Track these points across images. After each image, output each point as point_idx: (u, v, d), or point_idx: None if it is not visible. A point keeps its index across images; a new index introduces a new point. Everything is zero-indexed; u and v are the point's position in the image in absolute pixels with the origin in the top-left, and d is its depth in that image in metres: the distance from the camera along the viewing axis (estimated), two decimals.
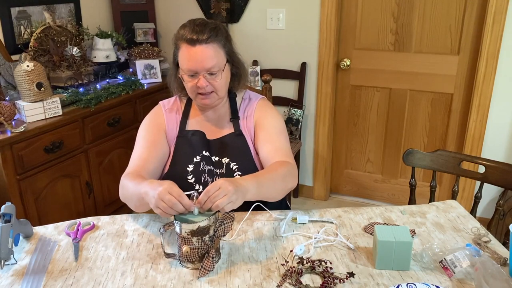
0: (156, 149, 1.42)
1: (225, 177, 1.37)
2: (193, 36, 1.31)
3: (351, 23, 2.77)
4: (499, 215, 1.58)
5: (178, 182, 1.39)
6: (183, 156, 1.43)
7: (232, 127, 1.47)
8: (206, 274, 1.08)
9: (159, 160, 1.42)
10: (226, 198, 1.07)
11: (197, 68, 1.33)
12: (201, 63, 1.32)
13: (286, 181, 1.32)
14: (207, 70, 1.33)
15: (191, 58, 1.33)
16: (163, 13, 3.23)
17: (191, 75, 1.35)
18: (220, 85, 1.38)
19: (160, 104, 1.54)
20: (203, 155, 1.43)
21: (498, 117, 2.52)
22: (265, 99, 1.55)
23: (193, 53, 1.32)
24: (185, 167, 1.42)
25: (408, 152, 1.71)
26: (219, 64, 1.35)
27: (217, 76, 1.35)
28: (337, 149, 3.08)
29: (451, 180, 2.81)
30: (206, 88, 1.35)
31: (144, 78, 2.81)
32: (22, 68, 2.09)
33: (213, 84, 1.36)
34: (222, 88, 1.39)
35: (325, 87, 2.86)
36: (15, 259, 1.15)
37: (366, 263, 1.14)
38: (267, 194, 1.28)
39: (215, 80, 1.36)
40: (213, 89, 1.37)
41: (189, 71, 1.35)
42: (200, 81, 1.34)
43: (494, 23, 2.36)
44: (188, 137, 1.45)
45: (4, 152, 1.96)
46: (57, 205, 2.27)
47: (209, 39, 1.32)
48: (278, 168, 1.31)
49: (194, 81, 1.35)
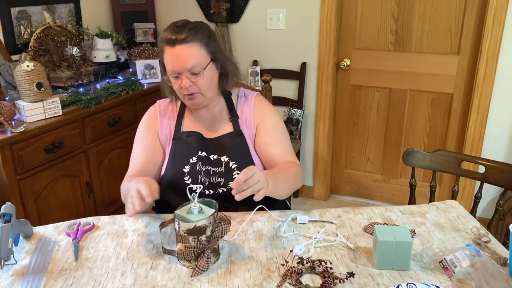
0: (152, 154, 1.46)
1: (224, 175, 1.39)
2: (172, 36, 1.31)
3: (351, 23, 2.77)
4: (499, 215, 1.58)
5: (175, 183, 1.41)
6: (179, 158, 1.44)
7: (232, 127, 1.47)
8: (200, 274, 1.09)
9: (156, 164, 1.46)
10: (262, 192, 1.13)
11: (179, 68, 1.33)
12: (181, 63, 1.32)
13: (296, 181, 1.38)
14: (189, 70, 1.32)
15: (172, 59, 1.33)
16: (163, 13, 3.23)
17: (175, 77, 1.35)
18: (204, 85, 1.36)
19: (157, 103, 1.55)
20: (199, 155, 1.43)
21: (498, 117, 2.52)
22: (260, 95, 1.55)
23: (174, 53, 1.32)
24: (182, 169, 1.42)
25: (408, 152, 1.71)
26: (200, 63, 1.33)
27: (199, 76, 1.34)
28: (337, 149, 3.08)
29: (451, 180, 2.81)
30: (190, 88, 1.35)
31: (144, 78, 2.81)
32: (22, 68, 2.09)
33: (196, 84, 1.35)
34: (206, 88, 1.37)
35: (325, 87, 2.86)
36: (15, 259, 1.15)
37: (366, 263, 1.14)
38: (278, 191, 1.31)
39: (198, 80, 1.34)
40: (198, 89, 1.36)
41: (172, 72, 1.35)
42: (183, 81, 1.34)
43: (494, 23, 2.36)
44: (183, 139, 1.46)
45: (4, 152, 1.96)
46: (57, 205, 2.27)
47: (188, 38, 1.31)
48: (289, 167, 1.37)
49: (178, 82, 1.35)
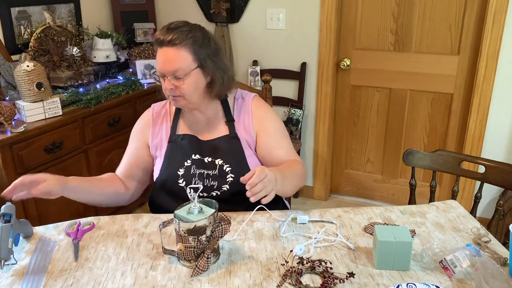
0: (137, 159, 1.52)
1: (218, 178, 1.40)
2: (161, 37, 1.31)
3: (351, 23, 2.77)
4: (499, 215, 1.58)
5: (169, 186, 1.43)
6: (174, 161, 1.44)
7: (228, 129, 1.46)
8: (200, 274, 1.09)
9: (140, 169, 1.52)
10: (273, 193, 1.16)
11: (163, 69, 1.33)
12: (165, 64, 1.32)
13: (301, 180, 1.41)
14: (171, 73, 1.32)
15: (159, 59, 1.33)
16: (163, 13, 3.23)
17: (162, 77, 1.35)
18: (186, 90, 1.34)
19: (151, 107, 1.56)
20: (193, 159, 1.43)
21: (498, 117, 2.52)
22: (257, 97, 1.53)
23: (161, 54, 1.33)
24: (176, 172, 1.42)
25: (408, 152, 1.71)
26: (183, 68, 1.31)
27: (181, 80, 1.33)
28: (337, 149, 3.08)
29: (451, 180, 2.81)
30: (171, 91, 1.34)
31: (144, 78, 2.81)
32: (22, 68, 2.09)
33: (178, 88, 1.34)
34: (189, 94, 1.35)
35: (325, 87, 2.86)
36: (15, 259, 1.15)
37: (366, 263, 1.14)
38: (285, 189, 1.32)
39: (180, 84, 1.33)
40: (180, 93, 1.35)
41: (159, 72, 1.35)
42: (165, 83, 1.34)
43: (494, 23, 2.36)
44: (178, 142, 1.46)
45: (4, 152, 1.96)
46: (57, 205, 2.27)
47: (175, 41, 1.30)
48: (294, 166, 1.39)
49: (163, 82, 1.35)
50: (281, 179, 1.23)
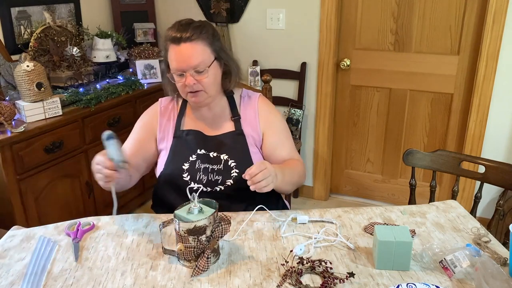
0: (141, 148, 1.49)
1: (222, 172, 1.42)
2: (177, 34, 1.33)
3: (351, 23, 2.77)
4: (499, 215, 1.58)
5: (173, 180, 1.44)
6: (179, 155, 1.45)
7: (233, 126, 1.48)
8: (200, 274, 1.09)
9: (143, 159, 1.49)
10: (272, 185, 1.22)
11: (183, 66, 1.34)
12: (186, 61, 1.34)
13: (300, 178, 1.47)
14: (193, 68, 1.34)
15: (177, 57, 1.34)
16: (163, 13, 3.23)
17: (179, 74, 1.37)
18: (208, 83, 1.38)
19: (159, 101, 1.57)
20: (198, 153, 1.45)
21: (498, 117, 2.52)
22: (263, 97, 1.58)
23: (178, 51, 1.34)
24: (181, 166, 1.43)
25: (408, 152, 1.71)
26: (205, 61, 1.36)
27: (203, 74, 1.36)
28: (337, 149, 3.08)
29: (451, 180, 2.81)
30: (194, 86, 1.36)
31: (144, 78, 2.81)
32: (22, 68, 2.09)
33: (200, 82, 1.36)
34: (210, 86, 1.39)
35: (325, 87, 2.86)
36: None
37: (366, 263, 1.14)
38: (285, 187, 1.38)
39: (202, 78, 1.36)
40: (202, 87, 1.38)
41: (176, 70, 1.36)
42: (187, 79, 1.35)
43: (494, 23, 2.36)
44: (183, 137, 1.47)
45: (4, 152, 1.96)
46: (57, 205, 2.27)
47: (193, 36, 1.33)
48: (294, 164, 1.45)
49: (182, 80, 1.37)
50: (281, 175, 1.28)
